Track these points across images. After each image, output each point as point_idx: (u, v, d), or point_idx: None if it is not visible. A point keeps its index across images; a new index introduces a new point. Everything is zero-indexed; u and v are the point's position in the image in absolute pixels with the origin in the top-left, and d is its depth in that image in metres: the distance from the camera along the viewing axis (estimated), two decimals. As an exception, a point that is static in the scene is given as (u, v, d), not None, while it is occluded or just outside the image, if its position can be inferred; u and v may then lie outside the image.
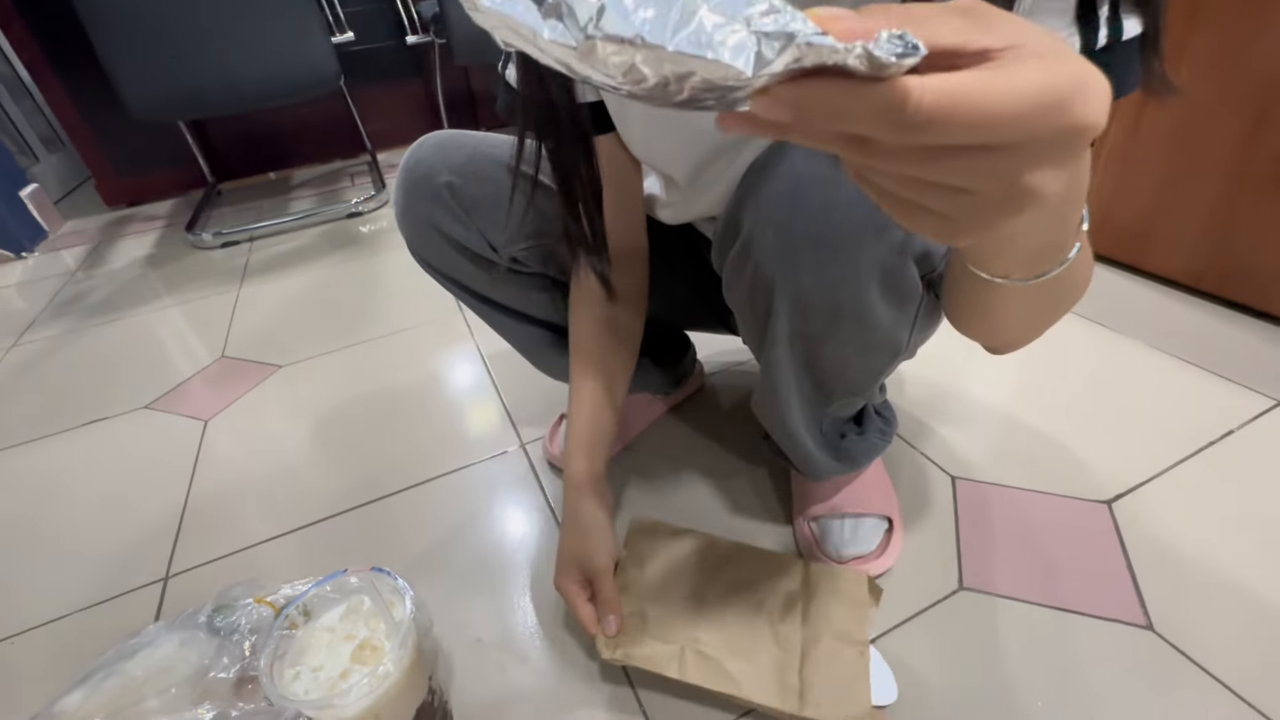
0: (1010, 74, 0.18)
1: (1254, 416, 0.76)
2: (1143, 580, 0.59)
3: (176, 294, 1.43)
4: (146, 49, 1.43)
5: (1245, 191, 0.88)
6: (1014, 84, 0.18)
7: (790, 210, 0.40)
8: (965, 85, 0.18)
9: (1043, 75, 0.18)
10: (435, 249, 0.61)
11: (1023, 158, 0.19)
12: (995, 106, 0.18)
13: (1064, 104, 0.18)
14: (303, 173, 2.21)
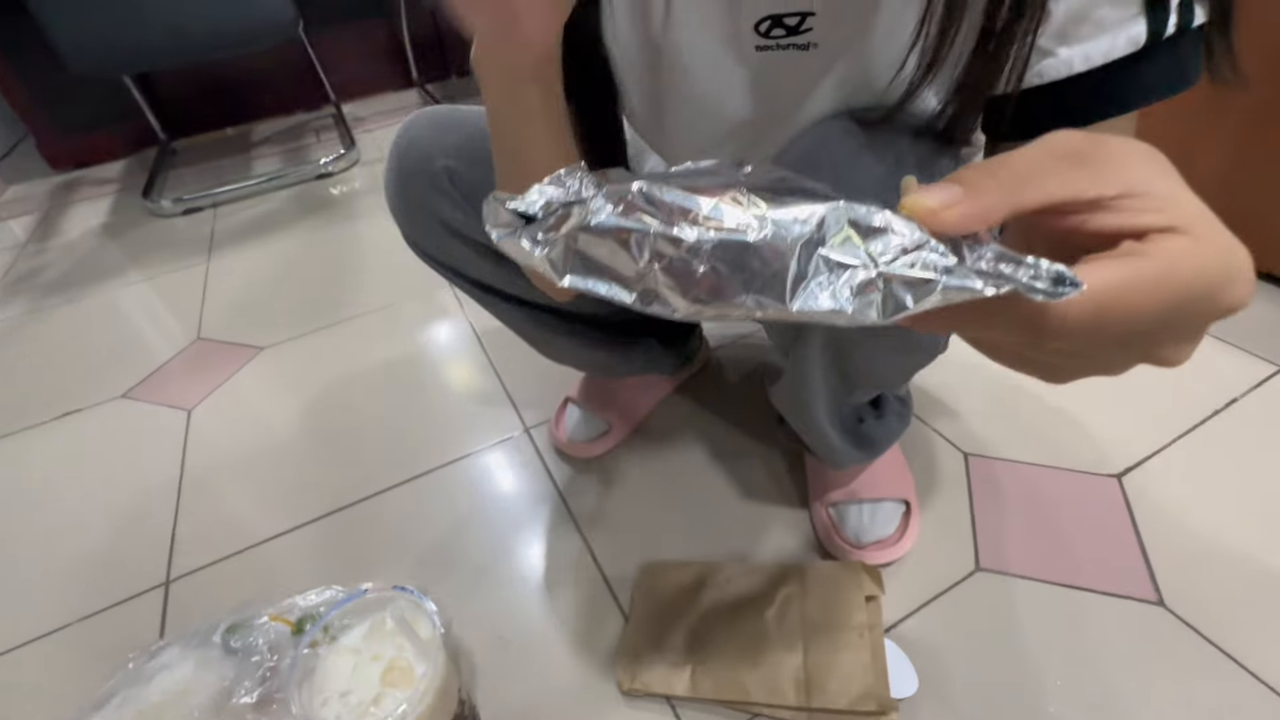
0: (1154, 270, 0.17)
1: (1257, 383, 0.76)
2: (1153, 555, 0.61)
3: (141, 268, 1.35)
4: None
5: (1255, 153, 0.86)
6: (1160, 286, 0.17)
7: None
8: (1109, 293, 0.17)
9: (1188, 270, 0.17)
10: (434, 238, 0.56)
11: (1159, 342, 0.19)
12: (1139, 312, 0.17)
13: (1210, 298, 0.18)
14: (263, 127, 2.07)
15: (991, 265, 0.17)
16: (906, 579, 0.61)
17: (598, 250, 0.18)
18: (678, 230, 0.17)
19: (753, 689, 0.52)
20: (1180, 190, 0.19)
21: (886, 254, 0.17)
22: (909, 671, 0.54)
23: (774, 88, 0.42)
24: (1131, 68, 0.32)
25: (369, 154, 1.75)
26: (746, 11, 0.39)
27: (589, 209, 0.18)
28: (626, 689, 0.54)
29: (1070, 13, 0.32)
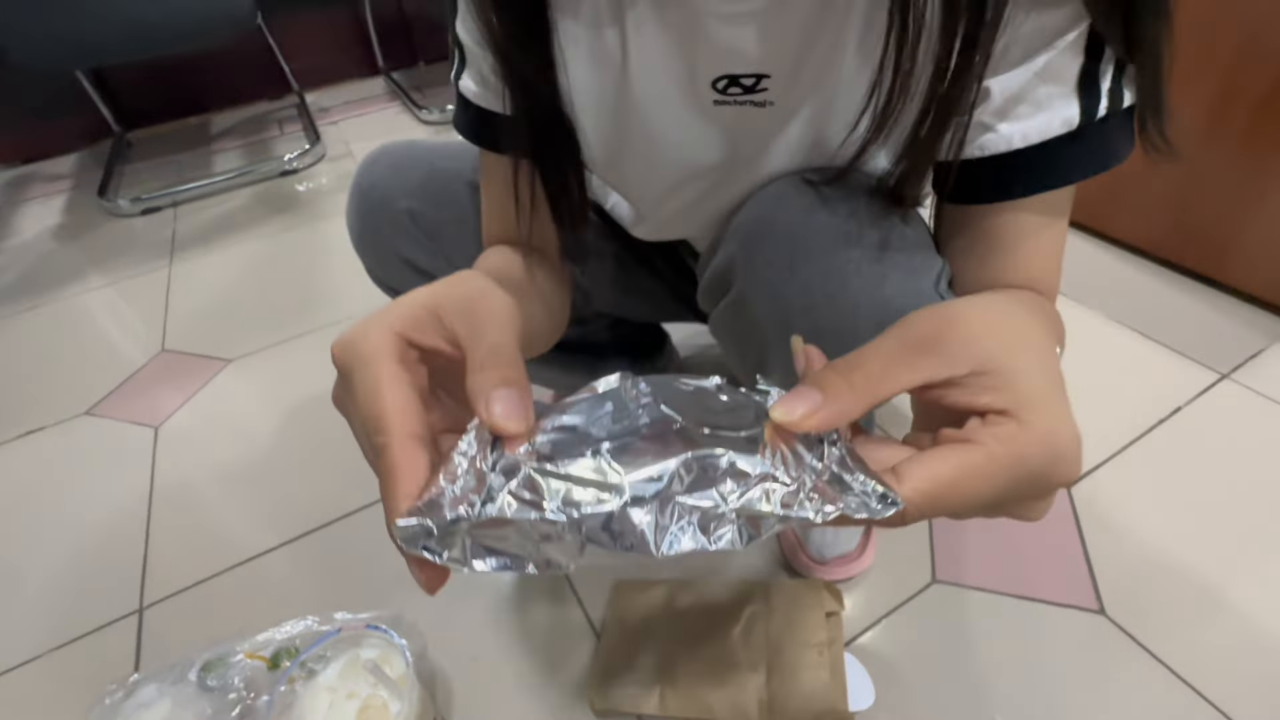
0: (979, 461, 0.20)
1: (1200, 391, 0.80)
2: (1096, 565, 0.64)
3: (100, 272, 1.31)
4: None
5: (1210, 157, 0.88)
6: (984, 475, 0.20)
7: (787, 275, 0.39)
8: (940, 485, 0.20)
9: (1011, 459, 0.20)
10: (399, 275, 0.56)
11: (1001, 510, 0.23)
12: (968, 497, 0.21)
13: (1034, 479, 0.21)
14: (222, 118, 2.00)
15: (833, 475, 0.21)
16: (867, 592, 0.64)
17: (491, 540, 0.21)
18: (550, 515, 0.20)
19: (718, 708, 0.54)
20: (1025, 364, 0.22)
21: (734, 492, 0.20)
22: (866, 684, 0.56)
23: (733, 139, 0.43)
24: (1067, 146, 0.33)
25: (335, 148, 1.71)
26: (703, 70, 0.39)
27: (475, 511, 0.21)
28: (598, 709, 0.56)
29: (1009, 93, 0.33)
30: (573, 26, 0.39)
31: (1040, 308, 0.30)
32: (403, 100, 1.94)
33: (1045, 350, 0.23)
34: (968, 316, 0.23)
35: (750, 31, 0.36)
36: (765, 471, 0.21)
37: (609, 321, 0.72)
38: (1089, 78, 0.32)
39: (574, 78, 0.41)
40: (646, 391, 0.25)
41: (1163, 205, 0.96)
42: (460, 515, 0.21)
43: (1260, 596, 0.60)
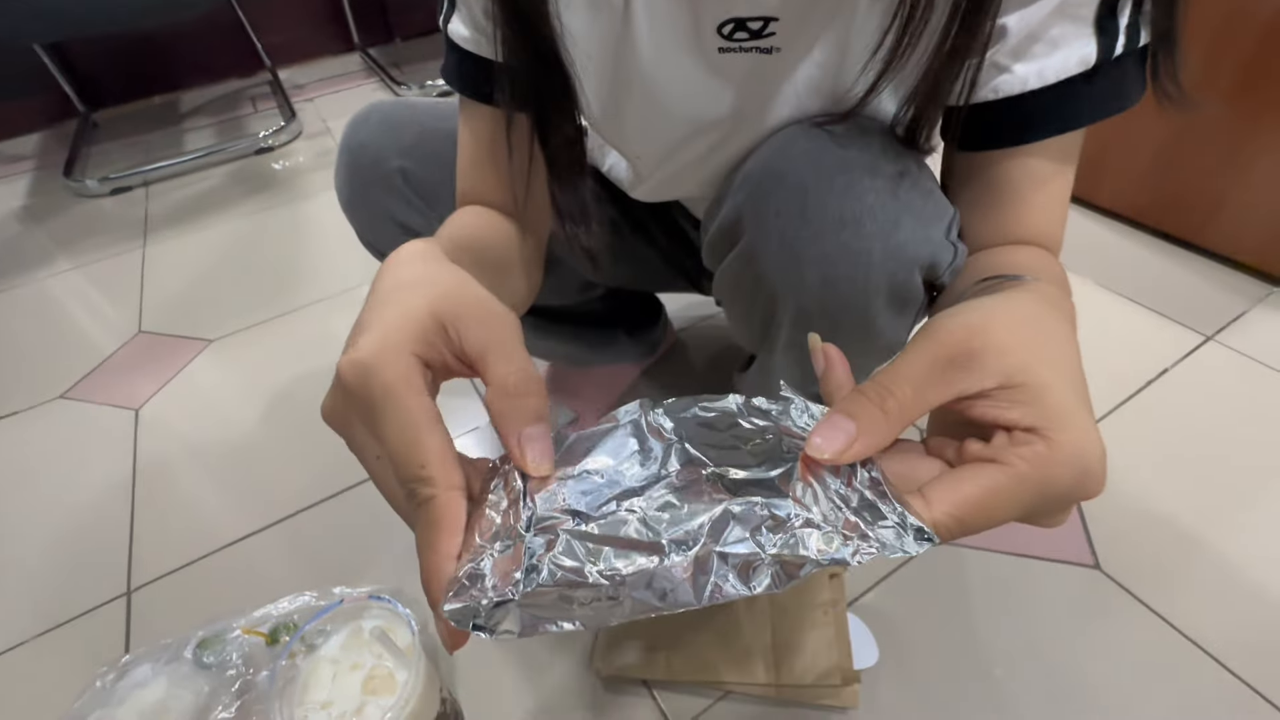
0: (1009, 481, 0.21)
1: (1186, 353, 0.81)
2: (1091, 522, 0.65)
3: (70, 255, 1.27)
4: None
5: (1193, 128, 0.89)
6: (1014, 494, 0.21)
7: (799, 223, 0.38)
8: (969, 507, 0.21)
9: (1039, 478, 0.20)
10: (391, 239, 0.54)
11: (1027, 521, 0.23)
12: (997, 516, 0.21)
13: (1061, 496, 0.21)
14: (192, 96, 1.93)
15: (865, 501, 0.22)
16: (867, 555, 0.64)
17: (538, 611, 0.21)
18: (594, 581, 0.20)
19: (724, 670, 0.54)
20: (1053, 378, 0.22)
21: (770, 540, 0.21)
22: (870, 643, 0.57)
23: (737, 89, 0.42)
24: (1082, 86, 0.33)
25: (312, 125, 1.66)
26: (708, 13, 0.38)
27: (520, 590, 0.20)
28: (605, 675, 0.56)
29: (1026, 31, 0.32)
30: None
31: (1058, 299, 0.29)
32: (380, 77, 1.89)
33: (1072, 360, 0.23)
34: (996, 327, 0.22)
35: None
36: (799, 515, 0.21)
37: (604, 292, 0.71)
38: (1108, 13, 0.31)
39: (571, 25, 0.39)
40: (670, 429, 0.25)
41: (1147, 174, 0.97)
42: (508, 596, 0.20)
43: (1249, 546, 0.62)
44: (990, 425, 0.22)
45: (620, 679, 0.56)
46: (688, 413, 0.26)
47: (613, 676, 0.56)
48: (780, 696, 0.54)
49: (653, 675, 0.56)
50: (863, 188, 0.37)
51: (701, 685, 0.55)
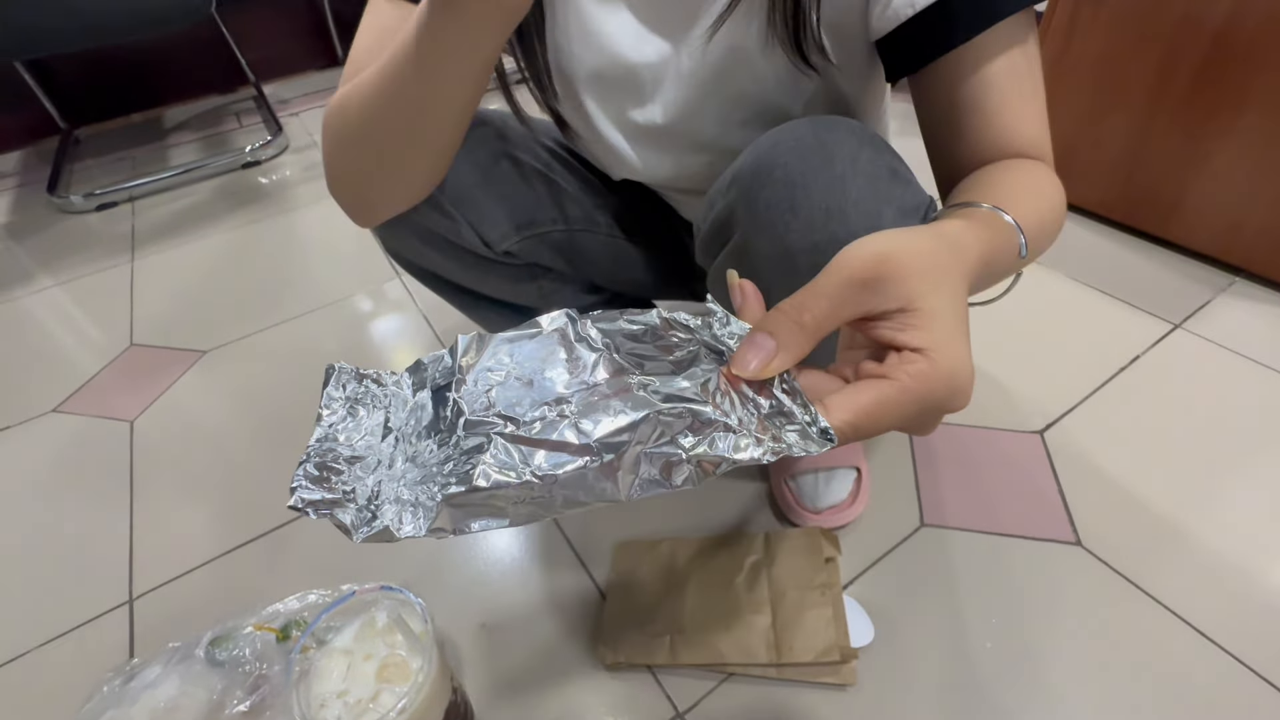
0: (894, 393, 0.24)
1: (1156, 341, 0.85)
2: (1072, 502, 0.68)
3: (56, 271, 1.26)
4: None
5: (1154, 127, 0.94)
6: (898, 405, 0.24)
7: (789, 216, 0.40)
8: (861, 414, 0.24)
9: (920, 391, 0.24)
10: (417, 248, 0.56)
11: (906, 429, 0.26)
12: (884, 423, 0.24)
13: (935, 408, 0.25)
14: (175, 112, 1.93)
15: (777, 408, 0.25)
16: (861, 539, 0.66)
17: (469, 508, 0.22)
18: (528, 479, 0.22)
19: (727, 652, 0.56)
20: (941, 305, 0.24)
21: (691, 442, 0.23)
22: (865, 623, 0.59)
23: (666, 27, 0.46)
24: None
25: (298, 139, 1.67)
26: None
27: (441, 481, 0.22)
28: (609, 663, 0.58)
29: None
30: None
31: (964, 235, 0.31)
32: (365, 91, 1.91)
33: (958, 292, 0.26)
34: (899, 255, 0.25)
35: None
36: (719, 420, 0.23)
37: (608, 298, 0.74)
38: None
39: None
40: (597, 338, 0.27)
41: (1112, 171, 1.01)
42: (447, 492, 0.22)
43: (1225, 521, 0.65)
44: (886, 345, 0.25)
45: (626, 666, 0.58)
46: (614, 324, 0.28)
47: (618, 665, 0.58)
48: (781, 676, 0.56)
49: (657, 661, 0.57)
50: (846, 182, 0.39)
51: (705, 669, 0.57)
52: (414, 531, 0.22)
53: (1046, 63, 1.01)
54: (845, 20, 0.42)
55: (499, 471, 0.22)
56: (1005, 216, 0.33)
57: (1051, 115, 0.42)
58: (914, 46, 0.40)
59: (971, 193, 0.37)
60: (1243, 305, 0.89)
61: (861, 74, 0.48)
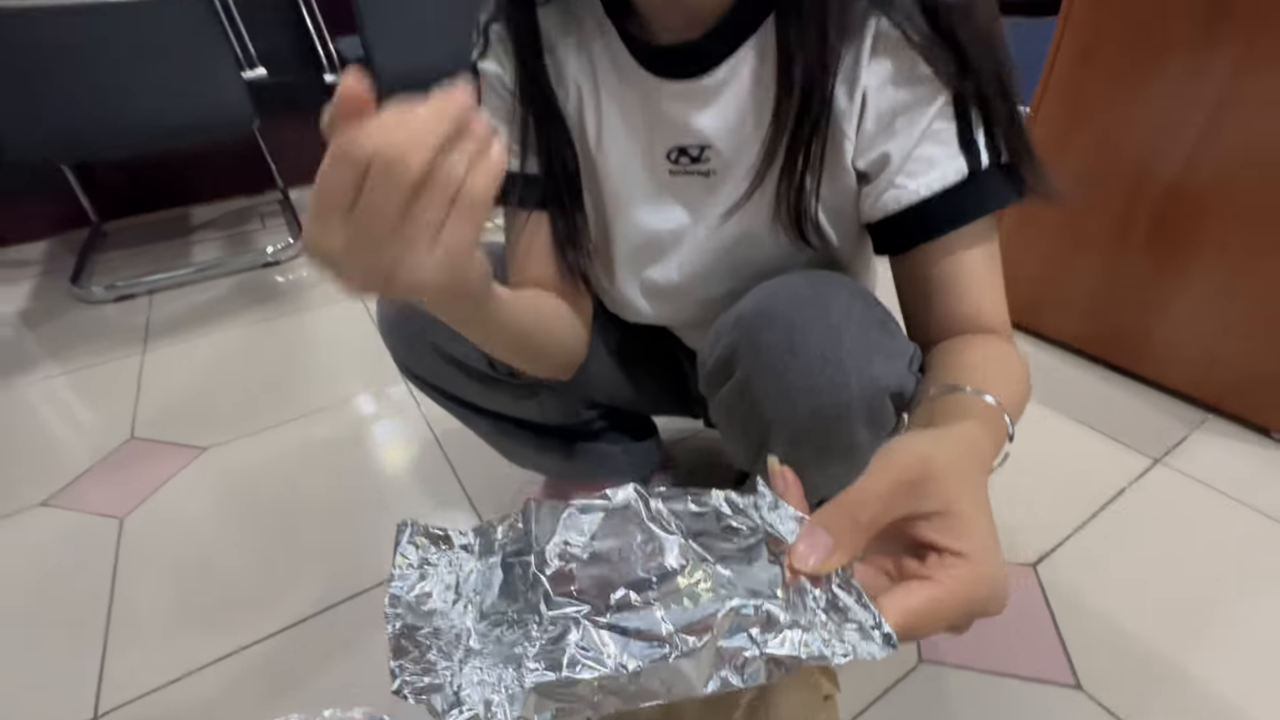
0: (942, 595, 0.25)
1: (1139, 475, 0.88)
2: (1069, 639, 0.68)
3: (66, 359, 1.28)
4: (27, 84, 1.28)
5: (1120, 265, 1.02)
6: (945, 607, 0.25)
7: (788, 358, 0.44)
8: (913, 617, 0.25)
9: (964, 596, 0.26)
10: (428, 364, 0.59)
11: (950, 631, 0.27)
12: (932, 625, 0.25)
13: (976, 612, 0.26)
14: (202, 211, 2.04)
15: (841, 607, 0.26)
16: (859, 676, 0.65)
17: (558, 695, 0.24)
18: (611, 670, 0.23)
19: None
20: (977, 511, 0.27)
21: (763, 639, 0.24)
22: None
23: (687, 204, 0.52)
24: (964, 190, 0.42)
25: (318, 242, 1.76)
26: (657, 143, 0.49)
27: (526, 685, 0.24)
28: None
29: (904, 155, 0.42)
30: (563, 105, 0.50)
31: (986, 424, 0.35)
32: (386, 199, 2.03)
33: (984, 492, 0.29)
34: (939, 459, 0.28)
35: (700, 107, 0.46)
36: (790, 619, 0.25)
37: (604, 411, 0.76)
38: (966, 138, 0.42)
39: None
40: (670, 520, 0.29)
41: (1086, 308, 1.08)
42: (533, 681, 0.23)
43: (1221, 664, 0.64)
44: (925, 545, 0.27)
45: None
46: (683, 505, 0.30)
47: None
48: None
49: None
50: (841, 332, 0.43)
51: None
52: (503, 718, 0.23)
53: (1018, 207, 1.11)
54: (841, 206, 0.48)
55: (585, 657, 0.23)
56: (996, 408, 0.36)
57: (1026, 255, 0.48)
58: (898, 234, 0.46)
59: (956, 372, 0.41)
60: (1217, 442, 0.93)
61: (854, 245, 0.54)
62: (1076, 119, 1.00)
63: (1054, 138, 1.03)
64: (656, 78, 0.47)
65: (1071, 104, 1.00)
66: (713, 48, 0.44)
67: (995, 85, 0.41)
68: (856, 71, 0.42)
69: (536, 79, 0.48)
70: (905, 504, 0.27)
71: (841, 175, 0.47)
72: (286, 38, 1.93)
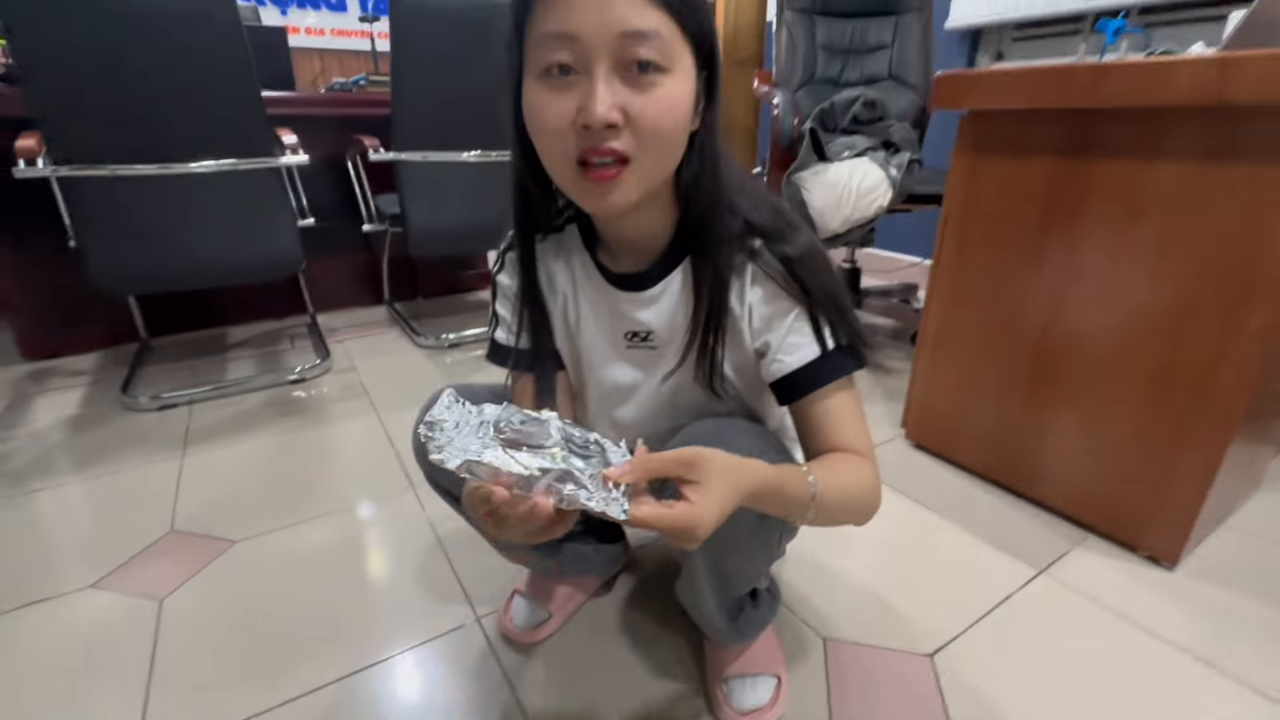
0: (668, 515, 0.49)
1: (1025, 582, 1.05)
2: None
3: (113, 461, 1.46)
4: (124, 230, 1.57)
5: (1007, 405, 1.25)
6: (665, 519, 0.49)
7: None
8: (650, 514, 0.48)
9: (679, 521, 0.49)
10: (449, 475, 0.79)
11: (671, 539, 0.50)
12: (659, 526, 0.48)
13: (680, 533, 0.49)
14: (239, 330, 2.30)
15: (622, 493, 0.48)
16: (779, 742, 0.79)
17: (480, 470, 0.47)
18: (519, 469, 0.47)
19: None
20: (716, 487, 0.50)
21: (580, 481, 0.48)
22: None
23: (639, 368, 0.75)
24: (820, 364, 0.65)
25: (340, 363, 2.00)
26: (619, 329, 0.74)
27: (478, 454, 0.48)
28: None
29: (779, 343, 0.66)
30: (552, 303, 0.76)
31: (758, 469, 0.55)
32: (402, 327, 2.31)
33: (732, 486, 0.51)
34: (711, 456, 0.51)
35: (644, 308, 0.71)
36: (587, 484, 0.48)
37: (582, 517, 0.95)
38: (817, 330, 0.65)
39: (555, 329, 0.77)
40: (566, 432, 0.53)
41: (986, 439, 1.31)
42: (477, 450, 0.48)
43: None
44: (682, 495, 0.49)
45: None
46: (576, 430, 0.52)
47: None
48: None
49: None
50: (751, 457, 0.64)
51: None
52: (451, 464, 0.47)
53: (929, 353, 1.37)
54: (745, 369, 0.72)
55: (490, 457, 0.48)
56: (802, 469, 0.59)
57: (938, 397, 0.71)
58: (784, 391, 0.69)
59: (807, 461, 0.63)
60: (1093, 559, 1.11)
61: (759, 396, 0.76)
62: (962, 295, 1.29)
63: (948, 309, 1.32)
64: (617, 289, 0.72)
65: (956, 285, 1.29)
66: (652, 274, 0.69)
67: (830, 300, 0.66)
68: (744, 292, 0.67)
69: (532, 288, 0.73)
70: (677, 470, 0.50)
71: (743, 351, 0.70)
72: (335, 195, 2.30)
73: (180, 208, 1.61)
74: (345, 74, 5.17)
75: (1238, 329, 0.93)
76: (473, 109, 1.86)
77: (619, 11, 0.51)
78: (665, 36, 0.53)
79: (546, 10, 0.52)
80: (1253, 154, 0.89)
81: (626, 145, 0.54)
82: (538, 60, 0.54)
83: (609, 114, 0.52)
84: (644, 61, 0.52)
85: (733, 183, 0.65)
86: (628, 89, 0.53)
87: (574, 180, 0.57)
